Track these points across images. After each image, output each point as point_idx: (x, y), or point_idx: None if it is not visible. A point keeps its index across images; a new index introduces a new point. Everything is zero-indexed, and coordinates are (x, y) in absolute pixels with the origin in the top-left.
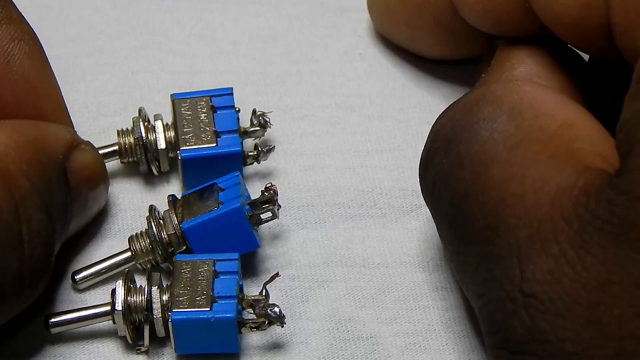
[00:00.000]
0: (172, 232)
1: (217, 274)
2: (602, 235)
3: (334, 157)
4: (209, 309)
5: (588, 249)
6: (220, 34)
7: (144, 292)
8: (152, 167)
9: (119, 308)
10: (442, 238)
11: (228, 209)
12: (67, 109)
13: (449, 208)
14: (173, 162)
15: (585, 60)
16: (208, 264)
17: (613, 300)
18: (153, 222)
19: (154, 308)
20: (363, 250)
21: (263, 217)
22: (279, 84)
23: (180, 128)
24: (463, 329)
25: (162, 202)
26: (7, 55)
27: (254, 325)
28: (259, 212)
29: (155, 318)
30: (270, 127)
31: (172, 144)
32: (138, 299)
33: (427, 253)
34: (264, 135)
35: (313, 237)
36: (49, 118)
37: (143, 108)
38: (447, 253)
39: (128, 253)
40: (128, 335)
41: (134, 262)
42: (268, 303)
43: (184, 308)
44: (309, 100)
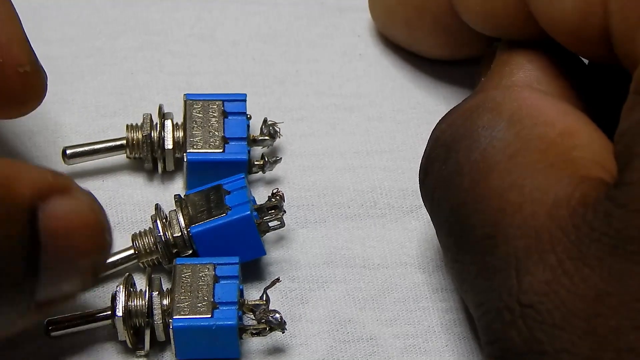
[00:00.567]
0: (178, 234)
1: (217, 279)
2: (599, 247)
3: (334, 157)
4: (210, 316)
5: (585, 261)
6: (220, 34)
7: (145, 296)
8: (157, 165)
9: (120, 314)
10: (441, 244)
11: (238, 217)
12: (25, 36)
13: (448, 215)
14: (179, 162)
15: (586, 64)
16: (208, 268)
17: (610, 312)
18: (159, 222)
19: (155, 313)
20: (363, 251)
21: (271, 224)
22: (278, 85)
23: (190, 130)
24: (463, 331)
25: (162, 199)
26: None
27: (255, 332)
28: (265, 217)
29: (156, 324)
30: (280, 137)
31: (179, 145)
32: (138, 304)
33: (427, 254)
34: (273, 145)
35: (313, 237)
36: (4, 46)
37: (162, 105)
38: (446, 260)
39: (131, 251)
40: (128, 340)
41: (136, 260)
42: (269, 309)
43: (185, 315)
44: (308, 101)
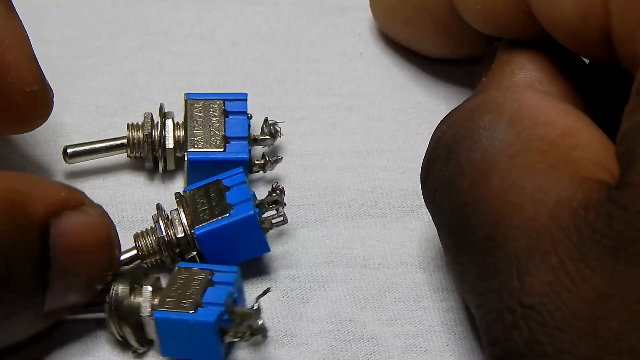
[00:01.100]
0: (182, 235)
1: (212, 283)
2: (600, 249)
3: (334, 157)
4: (192, 312)
5: (586, 262)
6: (220, 34)
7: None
8: (158, 164)
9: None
10: (443, 245)
11: (242, 217)
12: (33, 56)
13: (449, 216)
14: (179, 161)
15: (586, 64)
16: (206, 273)
17: (612, 314)
18: (162, 222)
19: (143, 307)
20: (364, 250)
21: (274, 221)
22: (278, 85)
23: (190, 129)
24: (464, 331)
25: (163, 199)
26: None
27: (238, 335)
28: (267, 212)
29: (144, 317)
30: (281, 136)
31: (180, 144)
32: (132, 300)
33: (427, 254)
34: (273, 145)
35: (314, 236)
36: (12, 66)
37: (163, 104)
38: (447, 260)
39: (134, 252)
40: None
41: (140, 261)
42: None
43: (169, 308)
44: (309, 101)
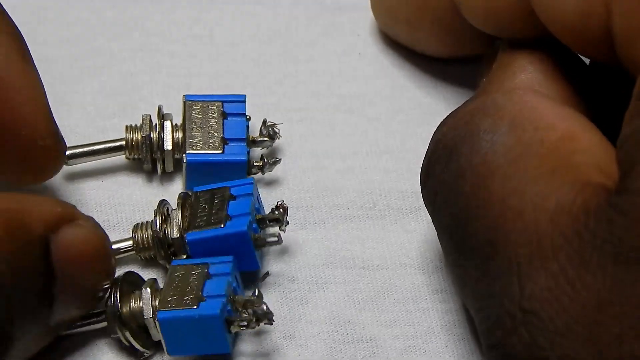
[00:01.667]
0: (176, 236)
1: (209, 276)
2: (601, 255)
3: (333, 158)
4: (196, 307)
5: (587, 268)
6: (219, 35)
7: (138, 296)
8: (156, 166)
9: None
10: (443, 248)
11: (234, 231)
12: (48, 108)
13: (450, 219)
14: (178, 163)
15: (587, 65)
16: (202, 267)
17: (612, 320)
18: (159, 219)
19: (145, 310)
20: (362, 252)
21: (268, 240)
22: (278, 86)
23: (189, 131)
24: (463, 332)
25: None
26: None
27: (243, 324)
28: (266, 227)
29: (147, 320)
30: (279, 138)
31: (178, 146)
32: (132, 304)
33: (426, 255)
34: (272, 146)
35: (312, 238)
36: (27, 118)
37: (162, 106)
38: (447, 263)
39: (130, 242)
40: (124, 341)
41: (134, 252)
42: (260, 303)
43: (171, 308)
44: (308, 102)
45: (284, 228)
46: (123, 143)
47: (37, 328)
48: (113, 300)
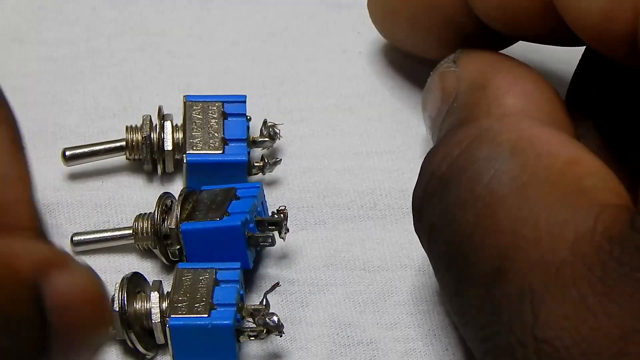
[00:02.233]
0: (173, 226)
1: (217, 282)
2: (628, 283)
3: (333, 158)
4: (207, 316)
5: (611, 297)
6: (219, 35)
7: (145, 299)
8: (156, 166)
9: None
10: (438, 279)
11: (227, 225)
12: (36, 204)
13: (448, 249)
14: (178, 163)
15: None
16: (209, 272)
17: (638, 351)
18: (158, 209)
19: (153, 314)
20: (363, 253)
21: (261, 240)
22: (278, 85)
23: (189, 131)
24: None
25: None
26: None
27: (252, 334)
28: (265, 231)
29: (154, 324)
30: (280, 138)
31: (179, 146)
32: (138, 306)
33: (427, 256)
34: (272, 146)
35: (313, 239)
36: (8, 208)
37: (162, 107)
38: (444, 294)
39: (129, 231)
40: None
41: (133, 241)
42: (267, 312)
43: (183, 314)
44: (308, 102)
45: (284, 235)
46: (123, 144)
47: None
48: (120, 302)
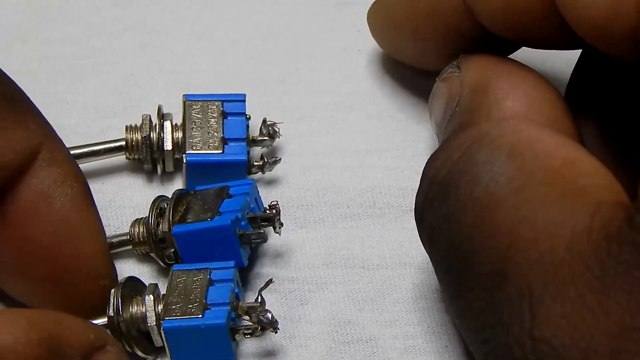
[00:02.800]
0: (166, 230)
1: (212, 282)
2: (627, 280)
3: (333, 156)
4: (201, 316)
5: (609, 294)
6: (219, 33)
7: (140, 302)
8: (156, 166)
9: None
10: (440, 281)
11: (218, 225)
12: (109, 253)
13: (449, 253)
14: (178, 163)
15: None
16: (204, 273)
17: (636, 348)
18: (153, 213)
19: (148, 317)
20: (362, 251)
21: (253, 238)
22: (278, 84)
23: (189, 131)
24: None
25: None
26: (46, 198)
27: (247, 332)
28: (258, 227)
29: (150, 327)
30: (279, 137)
31: (178, 146)
32: (134, 310)
33: (426, 254)
34: (272, 145)
35: (312, 237)
36: (88, 260)
37: (161, 106)
38: (445, 297)
39: (126, 237)
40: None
41: (131, 246)
42: (262, 309)
43: (176, 316)
44: (308, 100)
45: (279, 230)
46: (123, 143)
47: None
48: (114, 307)
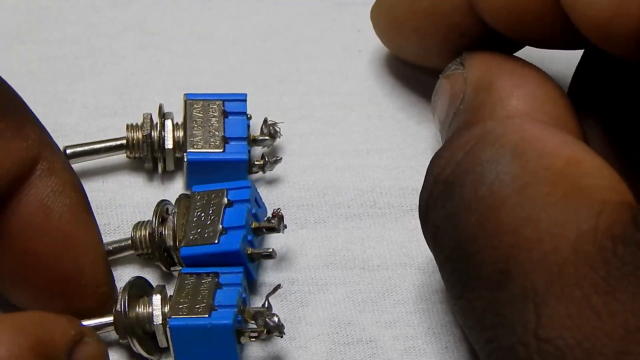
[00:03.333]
0: (171, 244)
1: (220, 285)
2: (632, 281)
3: (334, 156)
4: (208, 316)
5: (615, 295)
6: (219, 33)
7: (147, 303)
8: (157, 165)
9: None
10: (444, 280)
11: (227, 250)
12: (106, 261)
13: (453, 252)
14: (179, 162)
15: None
16: (212, 276)
17: None
18: (156, 221)
19: (155, 316)
20: (363, 252)
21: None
22: (278, 84)
23: (190, 129)
24: (463, 333)
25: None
26: (45, 210)
27: (253, 335)
28: (262, 234)
29: (156, 326)
30: (280, 137)
31: (179, 144)
32: (140, 310)
33: (426, 254)
34: (273, 145)
35: (313, 237)
36: (86, 269)
37: (162, 105)
38: (449, 296)
39: (128, 242)
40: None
41: (133, 251)
42: (269, 313)
43: (183, 315)
44: (308, 100)
45: (283, 231)
46: (124, 142)
47: None
48: (122, 306)
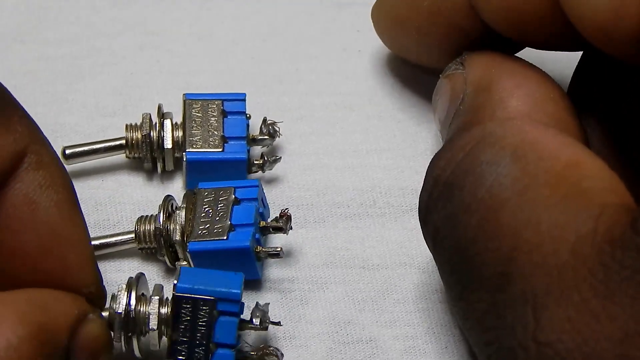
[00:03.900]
0: (178, 239)
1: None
2: (631, 285)
3: (333, 156)
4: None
5: (614, 299)
6: (219, 33)
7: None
8: (156, 165)
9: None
10: (444, 282)
11: (237, 246)
12: (94, 260)
13: (453, 254)
14: (178, 161)
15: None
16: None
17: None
18: (163, 215)
19: (151, 319)
20: (362, 251)
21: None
22: (278, 84)
23: (189, 129)
24: (463, 333)
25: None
26: (32, 205)
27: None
28: (268, 233)
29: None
30: (280, 136)
31: (178, 144)
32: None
33: (426, 254)
34: (272, 144)
35: (312, 237)
36: (73, 268)
37: (162, 105)
38: (449, 297)
39: (131, 235)
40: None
41: (135, 245)
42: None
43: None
44: (308, 100)
45: (288, 232)
46: (123, 142)
47: None
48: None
